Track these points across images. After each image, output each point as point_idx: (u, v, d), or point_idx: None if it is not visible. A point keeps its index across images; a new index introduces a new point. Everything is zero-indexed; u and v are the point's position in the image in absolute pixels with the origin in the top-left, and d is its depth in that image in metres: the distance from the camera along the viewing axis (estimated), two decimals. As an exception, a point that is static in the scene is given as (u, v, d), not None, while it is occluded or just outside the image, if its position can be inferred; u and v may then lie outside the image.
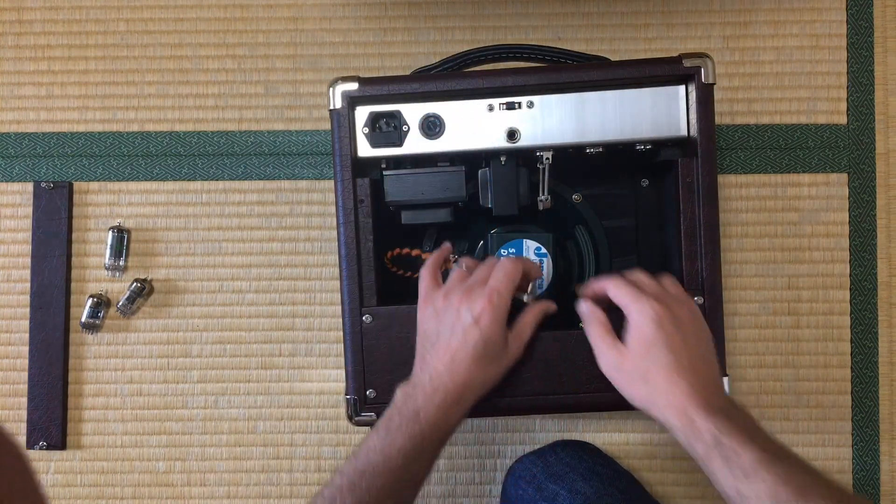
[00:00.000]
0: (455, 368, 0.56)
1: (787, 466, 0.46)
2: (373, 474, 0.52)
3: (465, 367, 0.56)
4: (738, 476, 0.47)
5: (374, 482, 0.52)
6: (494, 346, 0.57)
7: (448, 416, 0.56)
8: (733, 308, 0.85)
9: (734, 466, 0.47)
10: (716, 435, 0.49)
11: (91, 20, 0.88)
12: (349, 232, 0.65)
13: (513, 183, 0.68)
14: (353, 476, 0.52)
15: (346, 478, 0.53)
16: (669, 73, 0.65)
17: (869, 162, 0.85)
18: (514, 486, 0.68)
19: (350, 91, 0.65)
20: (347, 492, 0.51)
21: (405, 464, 0.53)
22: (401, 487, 0.53)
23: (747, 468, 0.47)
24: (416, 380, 0.58)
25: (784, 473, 0.46)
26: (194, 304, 0.86)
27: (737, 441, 0.48)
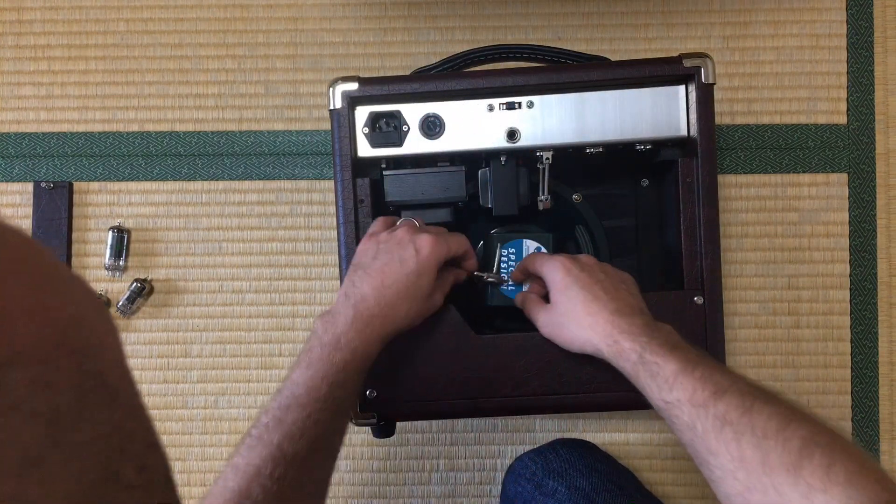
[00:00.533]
0: (383, 293, 0.56)
1: (704, 370, 0.49)
2: (298, 406, 0.51)
3: (393, 293, 0.56)
4: (663, 387, 0.50)
5: (299, 414, 0.51)
6: (424, 283, 0.57)
7: (369, 342, 0.55)
8: (733, 308, 0.85)
9: (658, 379, 0.50)
10: (640, 353, 0.52)
11: (91, 20, 0.88)
12: (349, 232, 0.65)
13: (513, 183, 0.68)
14: (278, 412, 0.51)
15: (270, 414, 0.51)
16: (669, 73, 0.65)
17: (869, 162, 0.85)
18: (514, 484, 0.68)
19: (350, 91, 0.65)
20: (274, 428, 0.50)
21: (329, 392, 0.52)
22: (327, 416, 0.52)
23: (669, 378, 0.49)
24: (337, 307, 0.57)
25: (701, 377, 0.48)
26: (194, 304, 0.86)
27: (658, 355, 0.51)
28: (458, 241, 0.62)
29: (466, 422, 0.86)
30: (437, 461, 0.86)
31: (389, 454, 0.86)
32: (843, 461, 0.39)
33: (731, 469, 0.44)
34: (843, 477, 0.38)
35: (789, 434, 0.42)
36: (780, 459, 0.41)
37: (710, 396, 0.47)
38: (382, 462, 0.86)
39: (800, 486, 0.39)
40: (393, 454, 0.86)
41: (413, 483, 0.86)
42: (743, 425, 0.44)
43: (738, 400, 0.46)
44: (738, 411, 0.45)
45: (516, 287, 0.68)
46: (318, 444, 0.51)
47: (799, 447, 0.41)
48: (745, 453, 0.43)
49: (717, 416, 0.45)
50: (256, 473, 0.48)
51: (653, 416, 0.85)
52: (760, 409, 0.44)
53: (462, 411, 0.65)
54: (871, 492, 0.37)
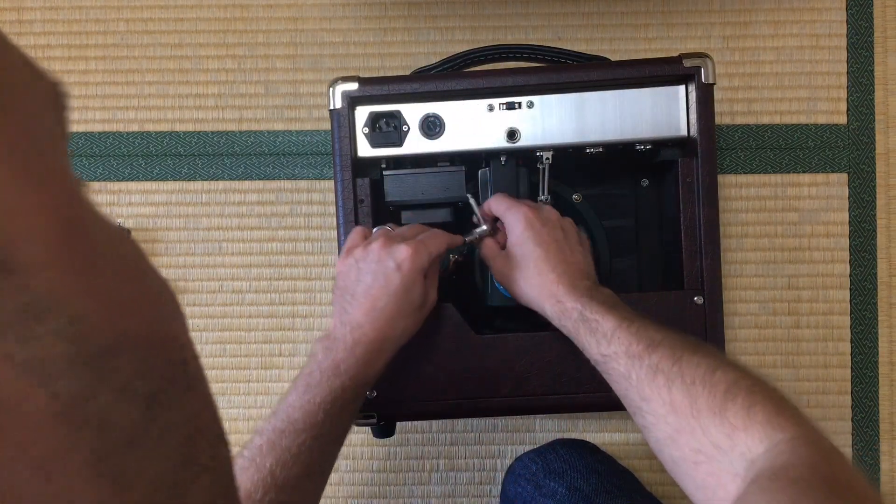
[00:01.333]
0: (376, 317, 0.56)
1: (640, 326, 0.51)
2: (293, 431, 0.51)
3: (387, 315, 0.56)
4: (601, 341, 0.52)
5: (293, 440, 0.51)
6: (415, 295, 0.57)
7: (368, 368, 0.55)
8: (733, 308, 0.85)
9: (598, 334, 0.53)
10: (581, 311, 0.55)
11: (91, 20, 0.88)
12: (349, 232, 0.65)
13: (513, 183, 0.68)
14: (273, 435, 0.51)
15: (265, 437, 0.51)
16: (669, 73, 0.65)
17: (869, 162, 0.85)
18: (514, 485, 0.68)
19: (350, 91, 0.65)
20: (267, 452, 0.50)
21: (326, 419, 0.52)
22: (322, 443, 0.52)
23: (608, 333, 0.52)
24: (335, 333, 0.56)
25: (636, 332, 0.51)
26: (194, 304, 0.86)
27: (598, 313, 0.53)
28: (436, 241, 0.60)
29: (466, 422, 0.86)
30: (437, 461, 0.86)
31: (389, 454, 0.86)
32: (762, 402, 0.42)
33: (663, 414, 0.46)
34: (762, 416, 0.41)
35: (716, 380, 0.44)
36: (707, 403, 0.44)
37: (644, 349, 0.49)
38: (382, 462, 0.86)
39: (724, 426, 0.42)
40: (393, 454, 0.86)
41: (413, 483, 0.86)
42: (674, 374, 0.47)
43: (669, 351, 0.48)
44: (670, 361, 0.47)
45: None
46: (310, 469, 0.51)
47: (724, 391, 0.43)
48: (675, 398, 0.46)
49: (651, 366, 0.48)
50: (247, 497, 0.48)
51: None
52: (689, 358, 0.47)
53: (462, 411, 0.65)
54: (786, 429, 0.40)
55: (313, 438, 0.51)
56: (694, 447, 0.44)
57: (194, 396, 0.21)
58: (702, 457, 0.43)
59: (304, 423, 0.52)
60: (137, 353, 0.18)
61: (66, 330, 0.16)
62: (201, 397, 0.21)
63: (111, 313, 0.18)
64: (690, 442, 0.44)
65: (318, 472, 0.53)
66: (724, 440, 0.42)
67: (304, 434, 0.51)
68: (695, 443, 0.43)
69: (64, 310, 0.16)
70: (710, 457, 0.42)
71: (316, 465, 0.52)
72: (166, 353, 0.20)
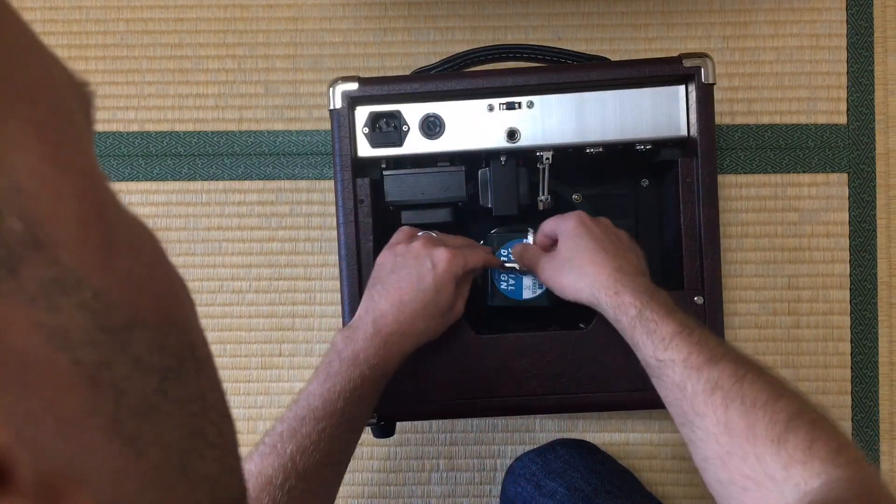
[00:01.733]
0: (401, 310, 0.56)
1: (701, 336, 0.50)
2: (313, 419, 0.52)
3: (411, 310, 0.56)
4: (658, 345, 0.51)
5: (314, 427, 0.51)
6: (443, 299, 0.57)
7: (387, 359, 0.56)
8: (733, 308, 0.85)
9: (654, 336, 0.51)
10: (640, 308, 0.53)
11: (91, 20, 0.88)
12: (349, 232, 0.65)
13: (513, 183, 0.68)
14: (294, 422, 0.52)
15: (286, 424, 0.52)
16: (669, 73, 0.65)
17: (869, 162, 0.85)
18: (514, 485, 0.68)
19: (350, 91, 0.65)
20: (288, 438, 0.51)
21: (345, 407, 0.53)
22: (342, 431, 0.53)
23: (665, 338, 0.50)
24: (357, 322, 0.57)
25: (697, 342, 0.49)
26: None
27: (658, 314, 0.52)
28: (475, 255, 0.61)
29: (466, 422, 0.86)
30: (437, 461, 0.86)
31: (389, 454, 0.86)
32: (825, 439, 0.41)
33: (715, 433, 0.45)
34: (824, 453, 0.40)
35: (779, 408, 0.43)
36: (766, 430, 0.42)
37: (705, 361, 0.48)
38: (382, 462, 0.86)
39: (781, 457, 0.41)
40: (393, 454, 0.86)
41: (413, 483, 0.86)
42: (734, 392, 0.45)
43: (731, 368, 0.47)
44: (731, 379, 0.46)
45: (517, 286, 0.68)
46: (330, 458, 0.52)
47: (786, 421, 0.42)
48: (731, 419, 0.44)
49: (710, 380, 0.46)
50: (268, 482, 0.48)
51: (653, 416, 0.85)
52: (753, 380, 0.45)
53: (462, 411, 0.65)
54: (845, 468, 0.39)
55: (333, 427, 0.52)
56: (745, 473, 0.42)
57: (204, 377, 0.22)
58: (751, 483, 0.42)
59: (323, 412, 0.52)
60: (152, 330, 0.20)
61: (90, 303, 0.18)
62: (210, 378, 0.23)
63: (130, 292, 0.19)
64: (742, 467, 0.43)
65: (338, 460, 0.54)
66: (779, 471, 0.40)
67: (324, 422, 0.52)
68: (747, 469, 0.42)
69: (89, 285, 0.18)
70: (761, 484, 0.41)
71: (335, 453, 0.53)
72: (178, 335, 0.21)
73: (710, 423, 0.45)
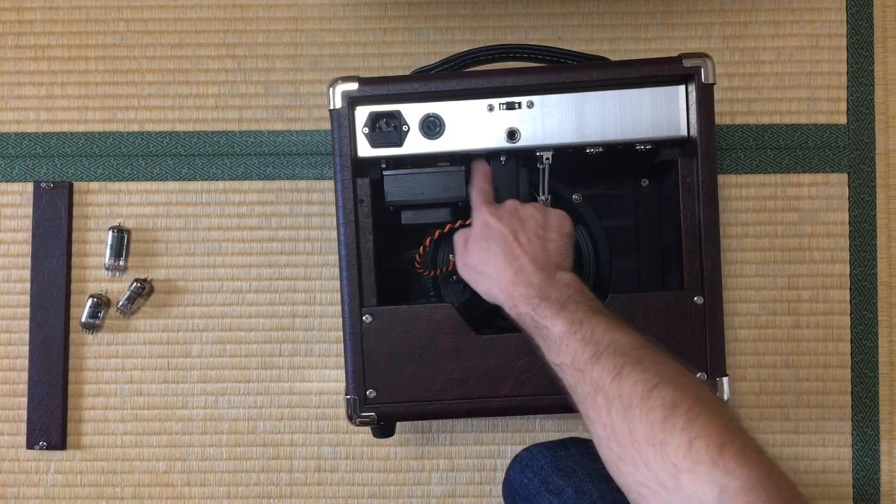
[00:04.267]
0: None
1: (588, 331, 0.48)
2: None
3: None
4: (552, 349, 0.50)
5: None
6: None
7: None
8: (733, 308, 0.85)
9: (548, 342, 0.51)
10: (532, 316, 0.53)
11: (91, 20, 0.88)
12: (349, 232, 0.65)
13: (513, 183, 0.68)
14: None
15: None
16: (669, 73, 0.65)
17: (869, 162, 0.85)
18: (520, 474, 0.68)
19: (350, 91, 0.65)
20: None
21: None
22: None
23: (556, 341, 0.50)
24: None
25: (583, 339, 0.48)
26: (194, 304, 0.86)
27: (547, 318, 0.51)
28: None
29: (466, 422, 0.86)
30: (437, 461, 0.86)
31: (389, 454, 0.86)
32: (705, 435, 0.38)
33: (605, 437, 0.43)
34: (706, 455, 0.37)
35: (652, 403, 0.41)
36: (645, 433, 0.40)
37: (588, 359, 0.46)
38: (382, 462, 0.86)
39: (666, 464, 0.39)
40: (393, 454, 0.86)
41: (413, 483, 0.86)
42: (613, 392, 0.43)
43: (610, 364, 0.45)
44: (610, 377, 0.44)
45: None
46: None
47: (662, 419, 0.40)
48: (615, 422, 0.42)
49: (593, 381, 0.45)
50: None
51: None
52: (629, 373, 0.43)
53: (462, 411, 0.64)
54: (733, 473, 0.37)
55: None
56: (638, 479, 0.40)
57: None
58: (647, 490, 0.40)
59: None
60: None
61: None
62: None
63: None
64: (634, 473, 0.41)
65: None
66: (669, 479, 0.38)
67: None
68: (639, 475, 0.40)
69: None
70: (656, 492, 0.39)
71: None
72: None
73: (599, 428, 0.44)
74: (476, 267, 0.59)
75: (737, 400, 0.84)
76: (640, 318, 0.64)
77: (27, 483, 0.86)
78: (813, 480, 0.84)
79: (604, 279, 0.72)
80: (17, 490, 0.86)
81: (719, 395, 0.64)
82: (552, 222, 0.60)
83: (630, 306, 0.64)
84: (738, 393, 0.84)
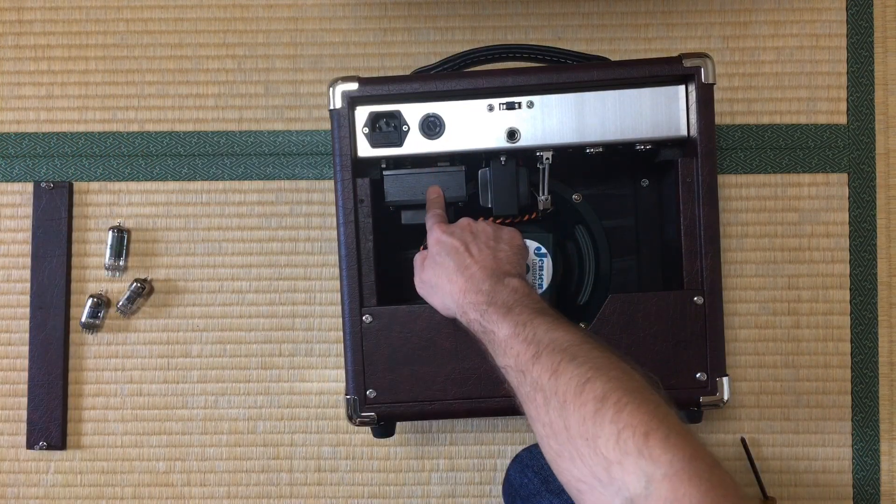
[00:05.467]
0: None
1: (531, 331, 0.49)
2: None
3: None
4: (498, 353, 0.51)
5: None
6: None
7: None
8: (733, 308, 0.85)
9: (494, 345, 0.52)
10: (480, 322, 0.54)
11: (91, 20, 0.88)
12: (349, 232, 0.65)
13: (513, 183, 0.68)
14: None
15: None
16: (669, 73, 0.65)
17: (869, 162, 0.85)
18: (520, 474, 0.68)
19: (350, 91, 0.65)
20: None
21: None
22: None
23: (502, 344, 0.50)
24: None
25: (525, 339, 0.48)
26: (194, 304, 0.86)
27: (494, 322, 0.52)
28: None
29: (466, 422, 0.86)
30: (437, 461, 0.86)
31: (389, 454, 0.86)
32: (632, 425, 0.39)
33: (545, 435, 0.44)
34: (632, 445, 0.38)
35: (584, 398, 0.41)
36: (578, 428, 0.41)
37: (529, 359, 0.47)
38: (382, 462, 0.86)
39: (598, 458, 0.39)
40: (393, 454, 0.86)
41: (413, 483, 0.86)
42: (550, 389, 0.44)
43: (549, 362, 0.45)
44: (547, 374, 0.44)
45: None
46: None
47: (593, 413, 0.40)
48: (552, 420, 0.43)
49: (533, 381, 0.45)
50: None
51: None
52: (564, 369, 0.44)
53: (462, 411, 0.65)
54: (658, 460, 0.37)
55: None
56: (575, 475, 0.41)
57: None
58: (584, 486, 0.40)
59: None
60: None
61: None
62: None
63: None
64: (571, 469, 0.41)
65: None
66: (602, 473, 0.39)
67: None
68: (576, 471, 0.41)
69: None
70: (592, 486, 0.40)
71: None
72: None
73: (540, 427, 0.44)
74: (430, 281, 0.61)
75: (737, 400, 0.85)
76: (640, 318, 0.64)
77: (27, 483, 0.86)
78: (813, 480, 0.84)
79: (604, 279, 0.72)
80: (17, 490, 0.86)
81: (719, 395, 0.64)
82: (503, 235, 0.62)
83: (630, 306, 0.64)
84: (738, 393, 0.85)
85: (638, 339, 0.63)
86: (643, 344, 0.63)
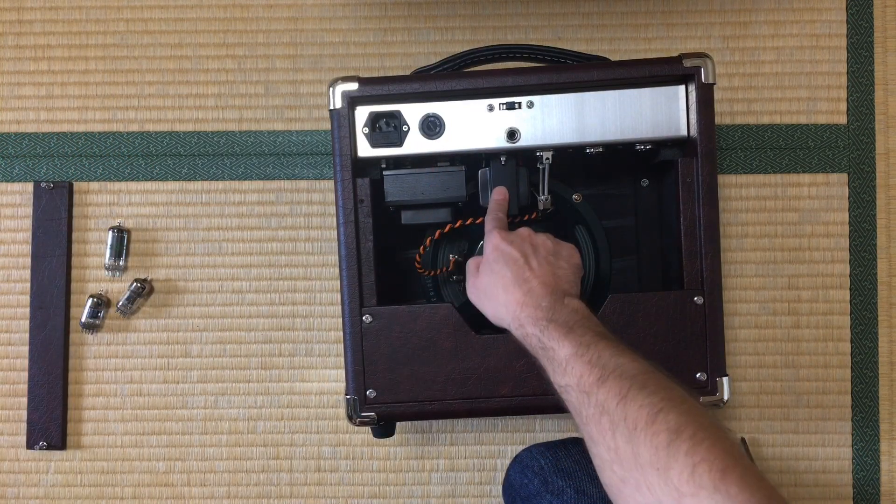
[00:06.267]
0: None
1: (594, 353, 0.49)
2: None
3: None
4: (557, 371, 0.50)
5: None
6: None
7: None
8: (733, 308, 0.85)
9: (554, 363, 0.51)
10: (539, 338, 0.53)
11: (91, 20, 0.88)
12: (349, 232, 0.65)
13: (513, 183, 0.68)
14: None
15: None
16: (669, 73, 0.65)
17: (869, 162, 0.85)
18: (520, 475, 0.68)
19: (350, 91, 0.65)
20: None
21: None
22: None
23: (562, 363, 0.50)
24: None
25: (589, 361, 0.48)
26: (194, 304, 0.86)
27: (554, 340, 0.52)
28: None
29: (466, 422, 0.86)
30: (437, 461, 0.86)
31: (389, 454, 0.86)
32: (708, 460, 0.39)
33: (608, 460, 0.43)
34: (708, 480, 0.38)
35: (657, 428, 0.41)
36: (649, 457, 0.40)
37: (594, 382, 0.46)
38: (382, 462, 0.86)
39: (669, 488, 0.39)
40: (393, 454, 0.86)
41: (413, 483, 0.86)
42: (618, 415, 0.43)
43: (616, 387, 0.45)
44: (615, 400, 0.44)
45: None
46: None
47: (666, 444, 0.40)
48: (619, 445, 0.43)
49: (598, 403, 0.45)
50: None
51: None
52: (634, 396, 0.44)
53: (462, 411, 0.65)
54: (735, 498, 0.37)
55: None
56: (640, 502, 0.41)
57: None
58: None
59: None
60: None
61: None
62: None
63: None
64: (636, 497, 0.41)
65: None
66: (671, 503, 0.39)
67: None
68: (641, 498, 0.41)
69: None
70: None
71: None
72: None
73: (603, 451, 0.44)
74: (485, 289, 0.60)
75: (737, 400, 0.85)
76: (640, 318, 0.64)
77: (27, 483, 0.86)
78: (813, 480, 0.84)
79: (604, 279, 0.72)
80: (17, 490, 0.86)
81: (719, 395, 0.64)
82: (563, 252, 0.61)
83: (630, 306, 0.64)
84: (738, 393, 0.84)
85: (638, 339, 0.64)
86: (643, 344, 0.63)
